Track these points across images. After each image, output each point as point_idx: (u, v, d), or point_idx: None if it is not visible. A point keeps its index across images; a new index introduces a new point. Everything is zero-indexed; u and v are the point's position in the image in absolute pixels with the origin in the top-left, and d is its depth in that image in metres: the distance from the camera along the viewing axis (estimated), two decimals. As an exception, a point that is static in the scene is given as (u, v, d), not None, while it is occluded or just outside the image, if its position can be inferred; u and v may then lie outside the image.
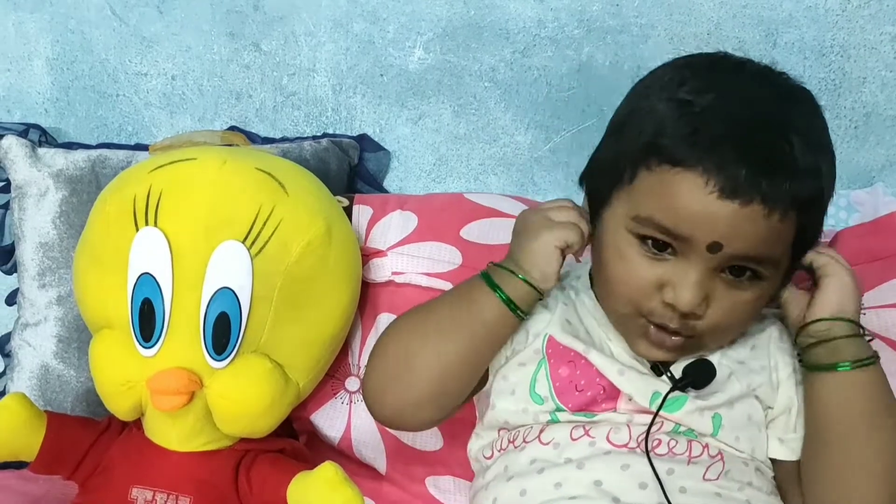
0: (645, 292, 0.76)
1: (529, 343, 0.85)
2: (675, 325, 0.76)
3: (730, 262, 0.74)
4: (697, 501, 0.77)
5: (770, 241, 0.73)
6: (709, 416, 0.80)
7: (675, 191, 0.73)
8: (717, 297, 0.75)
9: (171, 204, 0.88)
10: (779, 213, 0.72)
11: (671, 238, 0.74)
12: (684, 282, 0.74)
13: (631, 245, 0.76)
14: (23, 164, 1.12)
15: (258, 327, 0.89)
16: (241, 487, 0.89)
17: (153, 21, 1.20)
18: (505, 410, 0.84)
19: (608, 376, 0.81)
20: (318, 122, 1.22)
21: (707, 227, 0.72)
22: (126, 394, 0.89)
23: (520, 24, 1.16)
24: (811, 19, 1.13)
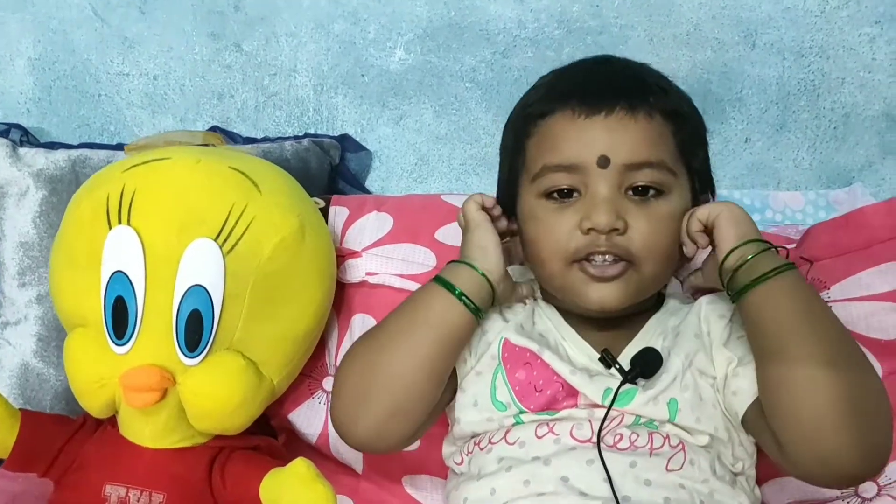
0: (568, 237, 0.82)
1: (487, 350, 0.87)
2: (604, 246, 0.80)
3: (626, 176, 0.81)
4: (662, 493, 0.78)
5: (649, 143, 0.81)
6: (663, 402, 0.81)
7: (553, 132, 0.83)
8: (632, 216, 0.80)
9: (144, 203, 0.89)
10: (643, 114, 0.81)
11: (567, 173, 0.82)
12: (594, 204, 0.80)
13: (542, 207, 0.84)
14: (3, 164, 1.13)
15: (231, 324, 0.89)
16: (216, 484, 0.90)
17: (135, 21, 1.22)
18: (470, 423, 0.86)
19: (562, 375, 0.83)
20: (300, 122, 1.23)
21: (589, 146, 0.81)
22: (99, 391, 0.89)
23: (500, 25, 1.17)
24: (790, 20, 1.14)
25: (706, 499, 0.79)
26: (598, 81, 0.85)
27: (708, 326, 0.85)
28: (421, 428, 0.86)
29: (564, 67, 0.90)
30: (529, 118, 0.86)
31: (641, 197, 0.82)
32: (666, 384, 0.82)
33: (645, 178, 0.81)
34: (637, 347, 0.84)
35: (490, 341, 0.87)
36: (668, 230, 0.82)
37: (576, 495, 0.77)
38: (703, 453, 0.81)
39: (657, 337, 0.85)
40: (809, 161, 1.19)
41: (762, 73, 1.16)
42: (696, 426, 0.81)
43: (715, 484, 0.80)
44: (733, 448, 0.83)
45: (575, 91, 0.84)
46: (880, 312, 0.92)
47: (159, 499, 0.88)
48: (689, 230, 0.81)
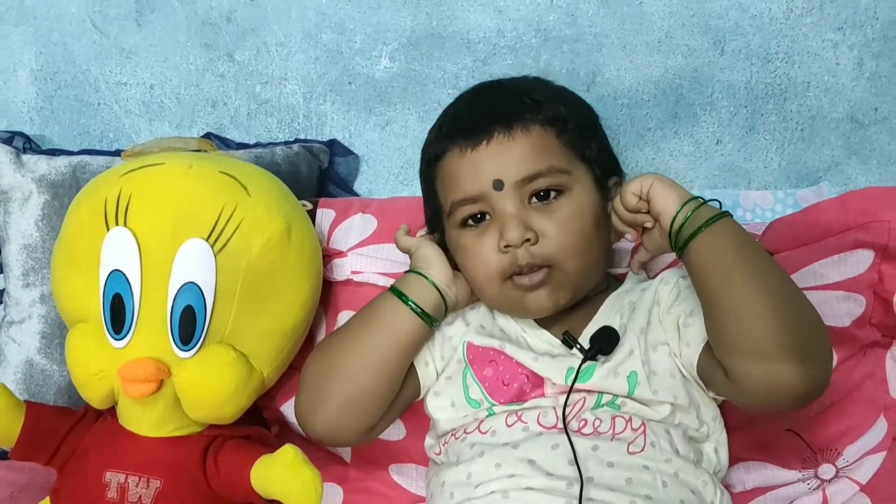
0: (491, 258, 0.86)
1: (453, 355, 0.91)
2: (525, 259, 0.85)
3: (524, 189, 0.86)
4: (625, 474, 0.82)
5: (533, 156, 0.86)
6: (623, 375, 0.86)
7: (449, 172, 0.89)
8: (539, 224, 0.85)
9: (139, 205, 0.91)
10: (520, 132, 0.86)
11: (472, 204, 0.88)
12: (503, 223, 0.85)
13: (463, 236, 0.89)
14: (8, 170, 1.15)
15: (222, 319, 0.91)
16: (209, 470, 0.91)
17: (132, 33, 1.23)
18: (449, 421, 0.91)
19: (526, 364, 0.87)
20: (290, 128, 1.25)
21: (482, 175, 0.86)
22: (99, 383, 0.91)
23: (480, 34, 1.19)
24: (757, 27, 1.16)
25: (670, 479, 0.83)
26: (476, 113, 0.91)
27: (658, 296, 0.90)
28: (377, 426, 0.91)
29: (452, 103, 0.96)
30: (430, 163, 0.93)
31: (545, 202, 0.87)
32: (623, 357, 0.86)
33: (541, 185, 0.86)
34: (596, 327, 0.88)
35: (455, 346, 0.92)
36: (579, 225, 0.87)
37: (543, 476, 0.82)
38: (663, 434, 0.85)
39: (615, 315, 0.90)
40: (778, 161, 1.21)
41: (731, 78, 1.18)
42: (655, 397, 0.85)
43: (679, 463, 0.84)
44: (698, 412, 0.87)
45: (458, 128, 0.90)
46: (833, 301, 0.95)
47: (157, 484, 0.90)
48: (627, 205, 0.84)
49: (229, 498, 0.92)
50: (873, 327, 0.97)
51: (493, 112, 0.89)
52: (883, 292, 0.95)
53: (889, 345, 0.99)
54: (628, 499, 0.80)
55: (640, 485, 0.81)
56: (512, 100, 0.90)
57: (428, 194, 0.95)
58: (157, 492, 0.90)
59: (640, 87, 1.19)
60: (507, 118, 0.87)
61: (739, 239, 0.81)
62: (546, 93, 0.92)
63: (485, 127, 0.87)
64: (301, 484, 0.85)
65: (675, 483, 0.83)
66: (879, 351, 0.99)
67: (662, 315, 0.89)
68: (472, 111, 0.92)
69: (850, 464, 0.96)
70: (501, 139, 0.86)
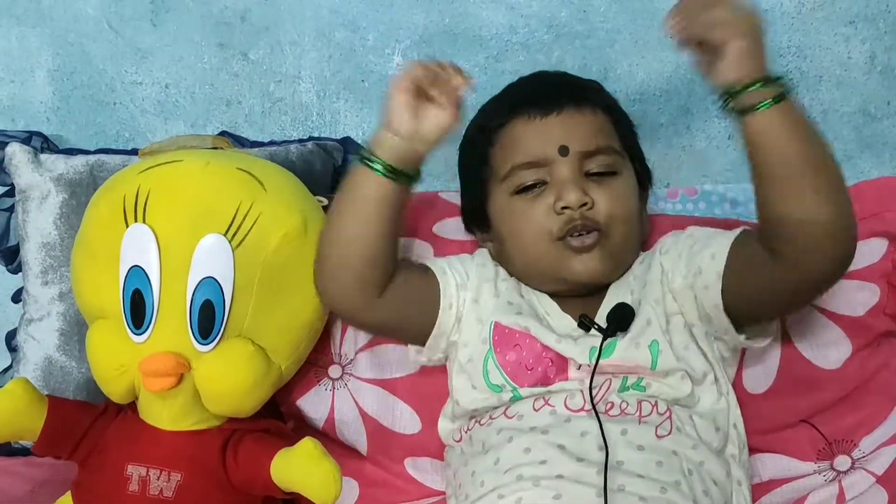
0: (545, 219, 0.90)
1: (479, 334, 0.92)
2: (580, 219, 0.88)
3: (584, 163, 0.91)
4: (656, 458, 0.82)
5: (598, 133, 0.93)
6: (644, 346, 0.88)
7: (515, 136, 0.93)
8: (597, 192, 0.90)
9: (158, 202, 0.92)
10: (588, 110, 0.93)
11: (534, 168, 0.92)
12: (563, 186, 0.90)
13: (517, 202, 0.93)
14: (26, 170, 1.16)
15: (241, 313, 0.93)
16: (229, 464, 0.93)
17: (147, 33, 1.25)
18: (471, 402, 0.92)
19: (550, 345, 0.89)
20: (304, 126, 1.26)
21: (549, 141, 0.91)
22: (120, 378, 0.92)
23: (492, 31, 1.20)
24: (768, 22, 1.14)
25: (695, 468, 0.83)
26: (543, 88, 0.96)
27: (663, 267, 0.92)
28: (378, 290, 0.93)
29: (513, 83, 1.00)
30: (489, 130, 0.96)
31: (599, 177, 0.91)
32: (642, 328, 0.88)
33: (599, 163, 0.91)
34: (609, 305, 0.90)
35: (482, 321, 0.92)
36: (627, 202, 0.92)
37: (574, 462, 0.82)
38: (688, 420, 0.86)
39: (625, 292, 0.92)
40: None
41: None
42: (678, 365, 0.87)
43: (703, 450, 0.85)
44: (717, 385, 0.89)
45: (526, 99, 0.94)
46: (848, 291, 0.97)
47: (177, 478, 0.91)
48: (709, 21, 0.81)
49: (249, 491, 0.93)
50: (888, 317, 0.98)
51: (563, 89, 0.96)
52: None
53: None
54: (658, 486, 0.81)
55: (670, 470, 0.82)
56: (579, 83, 0.99)
57: (477, 165, 0.97)
58: (177, 485, 0.91)
59: (652, 83, 1.20)
60: (577, 95, 0.94)
61: (807, 121, 0.83)
62: (605, 90, 1.00)
63: (556, 99, 0.93)
64: (321, 476, 0.86)
65: (699, 472, 0.84)
66: (894, 341, 1.00)
67: (671, 284, 0.91)
68: (541, 87, 0.98)
69: (867, 455, 0.97)
70: (571, 112, 0.93)
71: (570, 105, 0.93)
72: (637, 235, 0.95)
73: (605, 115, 0.95)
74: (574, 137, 0.91)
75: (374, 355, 1.05)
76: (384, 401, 1.05)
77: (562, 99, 0.93)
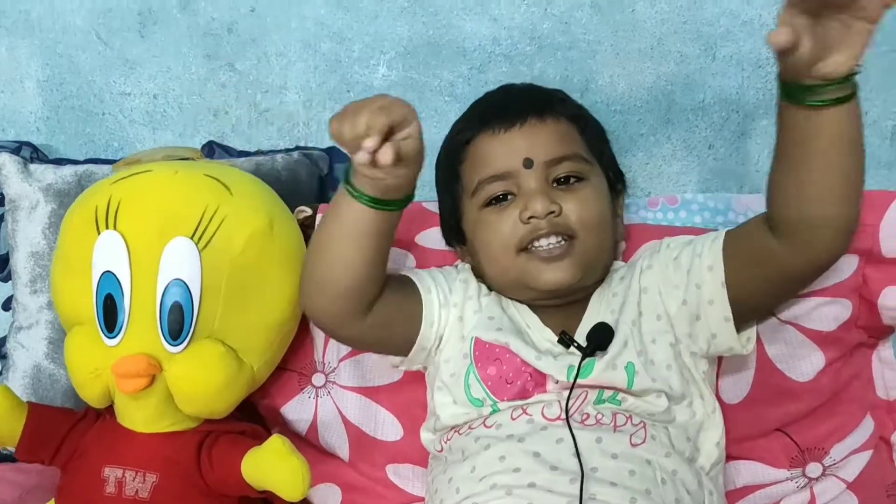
0: (512, 229, 0.90)
1: (460, 348, 0.93)
2: (547, 226, 0.89)
3: (549, 171, 0.92)
4: (628, 466, 0.83)
5: (561, 141, 0.94)
6: (621, 367, 0.88)
7: (481, 151, 0.95)
8: (564, 199, 0.91)
9: (128, 209, 0.94)
10: (551, 119, 0.94)
11: (500, 181, 0.93)
12: (530, 197, 0.91)
13: (486, 214, 0.94)
14: (15, 180, 1.18)
15: (210, 314, 0.94)
16: (203, 465, 0.94)
17: (135, 44, 1.26)
18: (450, 416, 0.93)
19: (529, 362, 0.89)
20: (291, 136, 1.27)
21: (513, 153, 0.92)
22: (95, 381, 0.94)
23: (476, 43, 1.21)
24: (747, 33, 1.18)
25: (668, 476, 0.84)
26: (507, 101, 0.97)
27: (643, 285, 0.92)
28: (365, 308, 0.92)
29: (480, 98, 1.01)
30: (458, 147, 0.98)
31: (567, 185, 0.92)
32: (619, 349, 0.89)
33: (565, 170, 0.92)
34: (589, 323, 0.91)
35: (465, 338, 0.93)
36: (596, 206, 0.93)
37: (547, 470, 0.83)
38: (662, 430, 0.87)
39: (605, 310, 0.92)
40: (769, 166, 1.20)
41: (723, 84, 1.20)
42: (654, 385, 0.87)
43: (676, 459, 0.86)
44: (691, 405, 0.89)
45: (490, 113, 0.95)
46: (821, 306, 0.98)
47: (153, 479, 0.93)
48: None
49: (223, 491, 0.95)
50: (860, 329, 1.00)
51: (526, 101, 0.96)
52: (868, 295, 0.98)
53: (875, 345, 1.02)
54: (629, 494, 0.82)
55: (642, 478, 0.83)
56: (542, 94, 1.00)
57: (449, 181, 0.99)
58: (153, 486, 0.93)
59: (633, 94, 1.21)
60: (540, 107, 0.95)
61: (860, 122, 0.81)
62: (569, 99, 1.01)
63: (519, 112, 0.94)
64: (289, 471, 0.88)
65: (672, 481, 0.85)
66: (866, 351, 1.02)
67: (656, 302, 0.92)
68: (505, 100, 0.99)
69: (837, 462, 0.99)
70: (534, 123, 0.93)
71: (534, 116, 0.94)
72: (610, 240, 0.96)
73: (569, 123, 0.96)
74: (538, 148, 0.92)
75: (357, 364, 1.06)
76: (366, 408, 1.06)
77: (525, 111, 0.94)
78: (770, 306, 0.96)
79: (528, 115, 0.93)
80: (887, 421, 1.02)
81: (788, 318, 0.98)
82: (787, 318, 0.98)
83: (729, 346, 0.90)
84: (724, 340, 0.90)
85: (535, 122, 0.93)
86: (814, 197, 0.80)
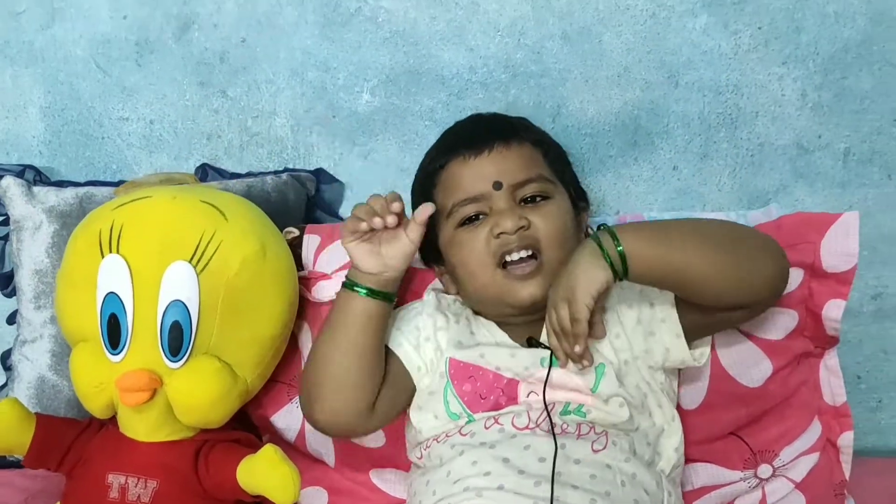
0: (485, 245, 0.98)
1: (437, 368, 0.99)
2: (517, 241, 0.95)
3: (517, 192, 0.98)
4: (589, 471, 0.89)
5: (527, 165, 1.00)
6: (592, 367, 0.93)
7: (453, 177, 1.01)
8: (532, 215, 0.98)
9: (130, 234, 0.98)
10: (516, 145, 1.01)
11: (472, 204, 0.99)
12: (500, 215, 0.97)
13: (460, 234, 1.00)
14: (20, 202, 1.22)
15: (207, 332, 0.98)
16: (201, 471, 0.98)
17: (133, 73, 1.29)
18: (431, 429, 0.98)
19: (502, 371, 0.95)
20: (280, 159, 1.30)
21: (483, 178, 0.99)
22: (99, 394, 0.98)
23: (454, 71, 1.25)
24: (707, 62, 1.23)
25: (628, 479, 0.90)
26: (476, 130, 1.04)
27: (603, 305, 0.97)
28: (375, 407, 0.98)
29: (450, 128, 1.08)
30: (431, 174, 1.04)
31: (533, 203, 0.98)
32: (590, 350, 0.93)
33: (531, 190, 0.98)
34: None
35: (439, 358, 1.00)
36: (560, 222, 0.99)
37: (515, 474, 0.89)
38: (624, 436, 0.92)
39: None
40: (730, 185, 1.26)
41: (685, 109, 1.24)
42: (618, 391, 0.93)
43: (636, 463, 0.91)
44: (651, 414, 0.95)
45: (461, 141, 1.02)
46: (770, 316, 1.03)
47: (153, 485, 0.97)
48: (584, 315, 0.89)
49: (219, 495, 0.99)
50: (806, 339, 1.06)
51: (492, 130, 1.03)
52: (813, 307, 1.04)
53: (821, 355, 1.07)
54: (589, 497, 0.87)
55: (603, 482, 0.88)
56: (508, 123, 1.06)
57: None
58: (154, 491, 0.97)
59: (602, 118, 1.25)
60: (506, 134, 1.02)
61: (648, 230, 0.91)
62: (533, 126, 1.09)
63: (486, 140, 1.00)
64: (280, 478, 0.93)
65: (632, 484, 0.90)
66: (813, 360, 1.07)
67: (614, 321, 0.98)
68: (473, 129, 1.06)
69: (786, 464, 1.05)
70: (501, 149, 1.00)
71: (500, 143, 1.00)
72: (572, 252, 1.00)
73: (533, 148, 1.02)
74: (505, 172, 0.99)
75: None
76: None
77: (492, 138, 1.00)
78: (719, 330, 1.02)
79: (496, 142, 1.00)
80: (834, 425, 1.08)
81: (740, 328, 1.04)
82: (738, 327, 1.04)
83: (682, 360, 0.97)
84: (677, 354, 0.96)
85: (502, 149, 1.00)
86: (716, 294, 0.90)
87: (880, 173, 1.26)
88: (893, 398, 1.34)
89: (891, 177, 1.26)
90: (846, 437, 1.07)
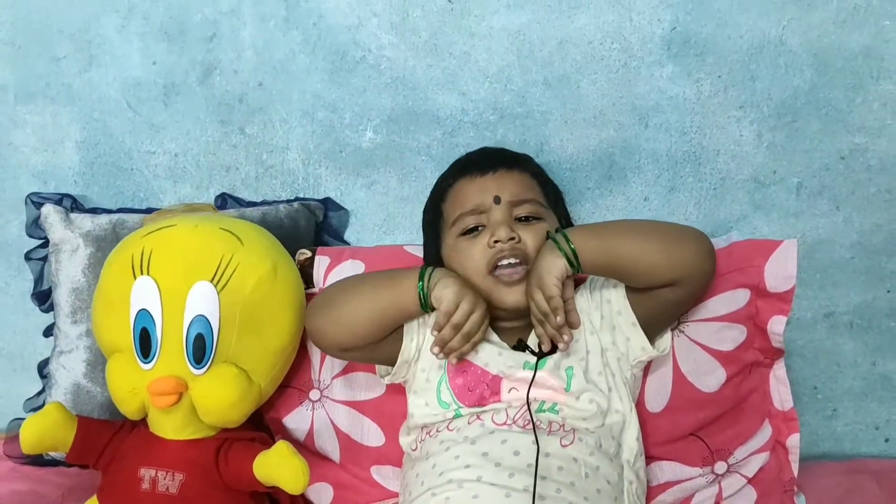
0: (482, 254, 1.07)
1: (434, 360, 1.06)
2: (508, 250, 1.05)
3: (513, 210, 1.08)
4: (557, 463, 0.97)
5: (525, 188, 1.11)
6: (563, 370, 1.03)
7: (461, 191, 1.12)
8: (524, 232, 1.07)
9: (158, 258, 1.06)
10: (517, 172, 1.12)
11: (474, 215, 1.09)
12: (496, 226, 1.07)
13: (461, 242, 1.10)
14: (59, 227, 1.30)
15: (226, 343, 1.06)
16: (221, 466, 1.05)
17: (160, 112, 1.36)
18: (421, 416, 1.07)
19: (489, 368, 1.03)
20: (292, 189, 1.36)
21: (486, 192, 1.09)
22: (132, 398, 1.05)
23: (447, 112, 1.32)
24: (673, 106, 1.30)
25: (591, 471, 0.98)
26: (483, 157, 1.15)
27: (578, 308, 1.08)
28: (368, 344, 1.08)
29: (463, 156, 1.22)
30: (443, 190, 1.16)
31: (527, 222, 1.09)
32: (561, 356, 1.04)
33: (525, 210, 1.08)
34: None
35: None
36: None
37: (492, 465, 0.97)
38: (590, 433, 1.00)
39: None
40: (696, 215, 1.33)
41: (655, 147, 1.30)
42: (587, 387, 1.02)
43: (600, 456, 0.99)
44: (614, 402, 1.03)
45: (469, 165, 1.15)
46: (722, 330, 1.13)
47: (180, 477, 1.04)
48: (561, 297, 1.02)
49: (237, 486, 1.06)
50: (755, 350, 1.15)
51: (498, 157, 1.14)
52: (759, 322, 1.14)
53: (771, 365, 1.17)
54: (555, 486, 0.95)
55: (569, 473, 0.96)
56: (512, 154, 1.17)
57: (433, 218, 1.15)
58: (180, 483, 1.04)
59: (580, 155, 1.32)
60: (509, 162, 1.13)
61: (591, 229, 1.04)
62: (534, 162, 1.20)
63: (492, 163, 1.11)
64: (291, 470, 1.00)
65: (595, 475, 0.98)
66: (763, 370, 1.17)
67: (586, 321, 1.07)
68: (482, 156, 1.17)
69: (740, 461, 1.14)
70: (503, 172, 1.10)
71: (503, 167, 1.11)
72: None
73: (532, 177, 1.13)
74: (506, 190, 1.09)
75: (347, 381, 1.20)
76: (354, 419, 1.19)
77: (497, 163, 1.12)
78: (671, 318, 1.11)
79: (500, 166, 1.12)
80: (783, 428, 1.16)
81: (696, 339, 1.14)
82: (695, 339, 1.14)
83: (642, 347, 1.06)
84: (637, 342, 1.06)
85: (504, 172, 1.11)
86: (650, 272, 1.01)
87: (829, 205, 1.31)
88: (847, 407, 1.39)
89: (839, 208, 1.31)
90: (793, 438, 1.16)
